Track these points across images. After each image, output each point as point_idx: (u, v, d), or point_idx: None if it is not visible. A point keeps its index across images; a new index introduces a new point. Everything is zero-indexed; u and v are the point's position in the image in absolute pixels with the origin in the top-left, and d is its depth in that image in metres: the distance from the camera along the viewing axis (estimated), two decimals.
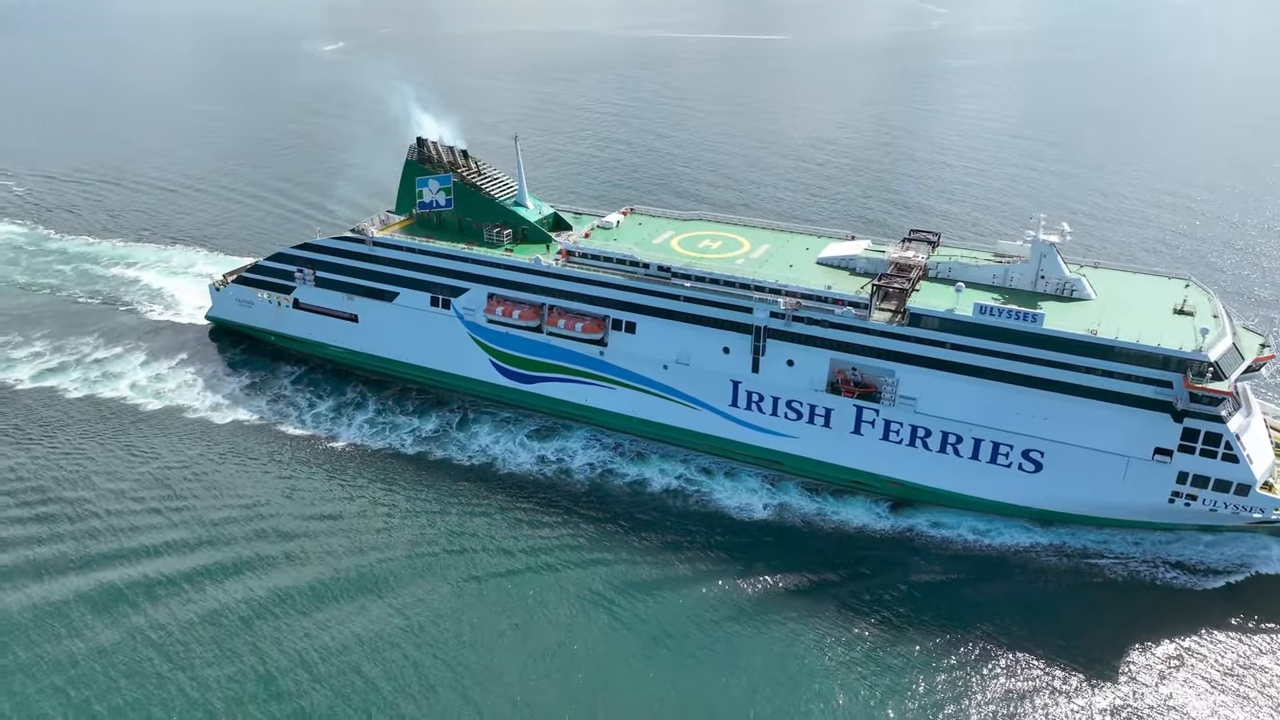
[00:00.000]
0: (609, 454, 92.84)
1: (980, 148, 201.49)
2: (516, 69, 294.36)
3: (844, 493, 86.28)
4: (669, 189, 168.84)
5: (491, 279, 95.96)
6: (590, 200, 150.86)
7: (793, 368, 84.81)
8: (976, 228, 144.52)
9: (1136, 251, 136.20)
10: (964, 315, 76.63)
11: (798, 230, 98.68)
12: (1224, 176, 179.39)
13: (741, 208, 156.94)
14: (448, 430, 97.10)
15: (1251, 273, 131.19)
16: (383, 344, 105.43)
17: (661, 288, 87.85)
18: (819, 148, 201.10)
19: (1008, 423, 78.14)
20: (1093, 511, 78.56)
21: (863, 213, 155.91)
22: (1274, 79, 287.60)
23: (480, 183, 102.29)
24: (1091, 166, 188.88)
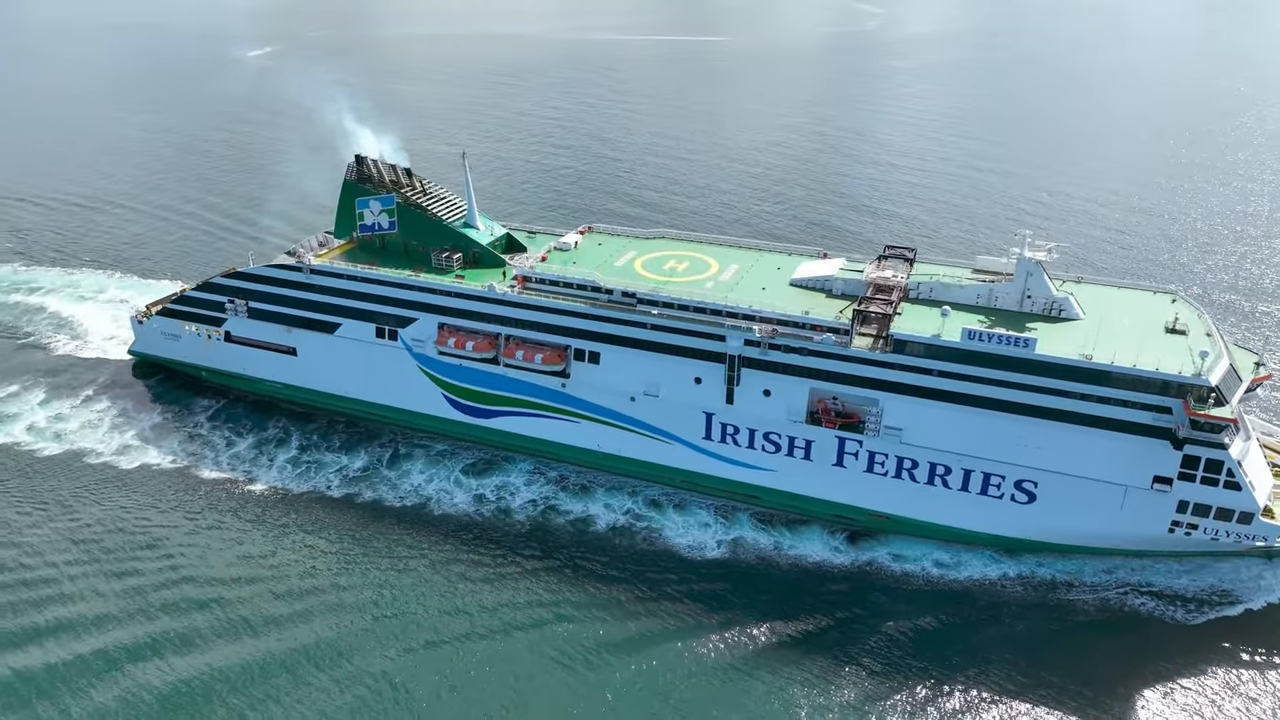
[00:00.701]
0: (552, 489, 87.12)
1: (926, 149, 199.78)
2: (455, 74, 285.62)
3: (798, 523, 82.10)
4: (621, 196, 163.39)
5: (442, 308, 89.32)
6: (544, 216, 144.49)
7: (770, 398, 79.91)
8: (935, 232, 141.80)
9: (1088, 253, 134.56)
10: (951, 341, 72.47)
11: (767, 248, 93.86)
12: (1162, 175, 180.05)
13: (695, 216, 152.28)
14: (378, 467, 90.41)
15: (1203, 270, 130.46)
16: (325, 378, 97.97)
17: (627, 315, 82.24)
18: (768, 151, 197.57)
19: (999, 452, 74.24)
20: (1088, 542, 75.17)
21: (820, 219, 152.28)
22: (1199, 77, 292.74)
23: (426, 203, 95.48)
24: (1034, 166, 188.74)
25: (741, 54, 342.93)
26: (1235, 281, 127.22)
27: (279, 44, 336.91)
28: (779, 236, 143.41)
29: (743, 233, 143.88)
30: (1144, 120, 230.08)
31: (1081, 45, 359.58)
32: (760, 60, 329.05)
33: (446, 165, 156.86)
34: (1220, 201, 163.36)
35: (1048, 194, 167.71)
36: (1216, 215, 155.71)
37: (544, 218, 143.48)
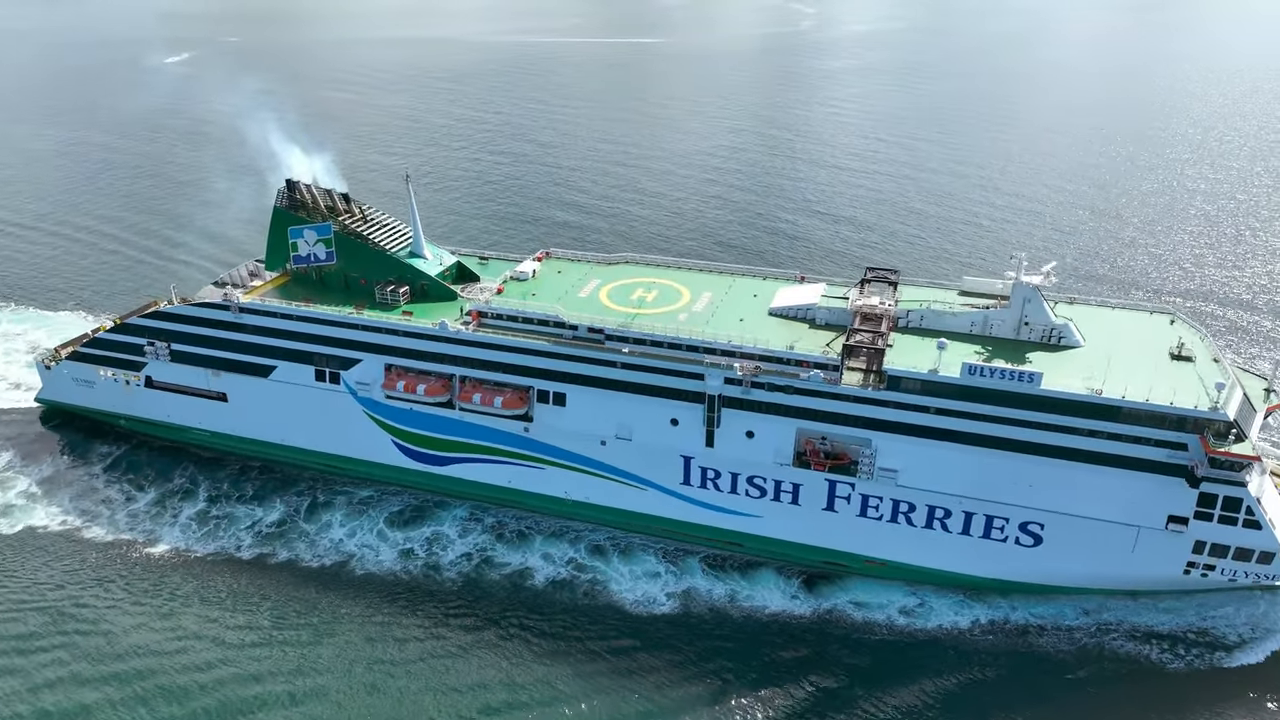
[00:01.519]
0: (487, 538, 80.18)
1: (869, 150, 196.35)
2: (389, 80, 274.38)
3: (752, 566, 76.87)
4: (570, 207, 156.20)
5: (388, 348, 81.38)
6: (493, 235, 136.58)
7: (753, 440, 73.86)
8: (890, 237, 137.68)
9: (1040, 251, 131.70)
10: (950, 377, 67.22)
11: (740, 272, 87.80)
12: (1107, 173, 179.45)
13: (647, 225, 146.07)
14: (294, 519, 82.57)
15: (1148, 266, 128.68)
16: (259, 425, 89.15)
17: (595, 354, 75.41)
18: (715, 155, 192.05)
19: (1002, 493, 69.29)
20: (1098, 585, 70.70)
21: (773, 226, 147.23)
22: (1130, 74, 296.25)
23: (367, 231, 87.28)
24: (977, 165, 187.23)
25: (680, 56, 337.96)
26: (1201, 287, 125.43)
27: (196, 49, 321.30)
28: (736, 246, 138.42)
29: (702, 244, 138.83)
30: (1082, 116, 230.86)
31: (1017, 43, 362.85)
32: (699, 62, 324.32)
33: (387, 189, 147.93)
34: (1165, 200, 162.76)
35: (997, 193, 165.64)
36: (1165, 215, 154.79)
37: (495, 239, 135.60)
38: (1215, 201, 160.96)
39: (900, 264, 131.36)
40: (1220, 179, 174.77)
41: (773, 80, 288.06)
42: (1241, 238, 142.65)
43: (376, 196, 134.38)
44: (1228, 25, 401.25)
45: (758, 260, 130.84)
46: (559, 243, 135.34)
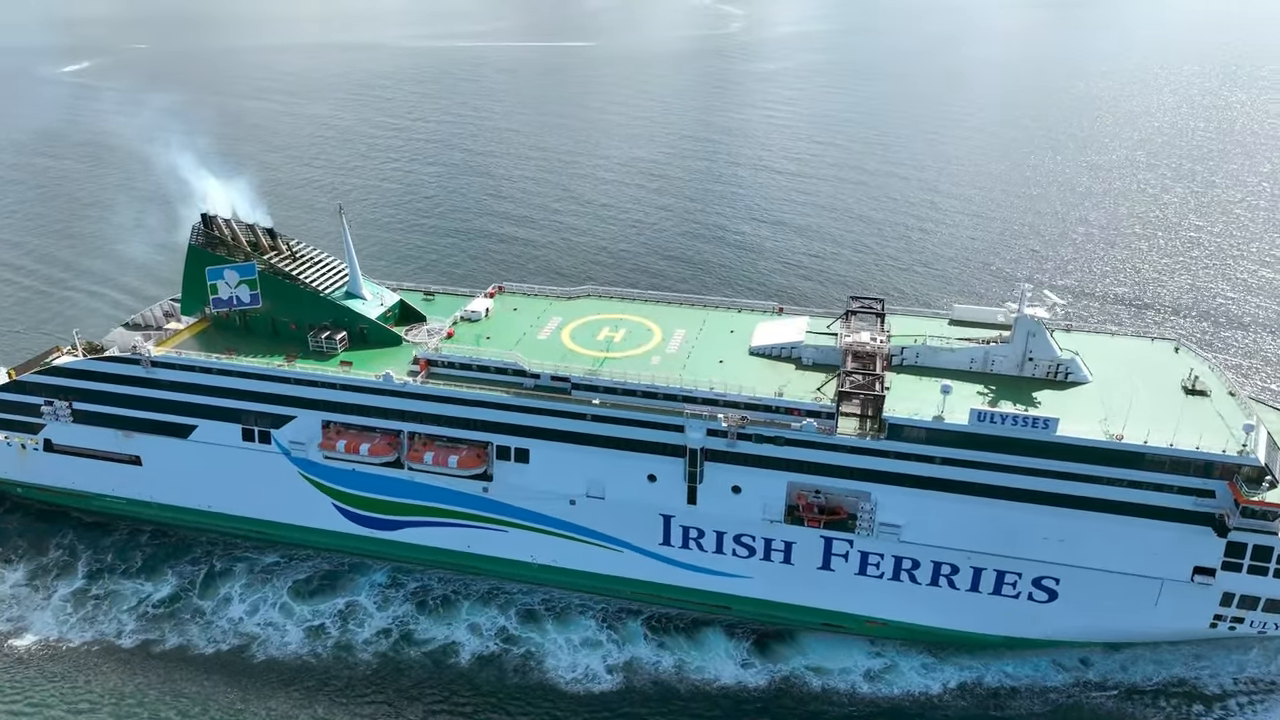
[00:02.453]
0: (408, 608, 72.36)
1: (810, 154, 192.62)
2: (310, 89, 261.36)
3: (698, 626, 70.83)
4: (508, 219, 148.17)
5: (326, 403, 72.50)
6: (437, 266, 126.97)
7: (740, 495, 67.10)
8: (837, 246, 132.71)
9: (988, 257, 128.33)
10: (957, 425, 61.34)
11: (712, 304, 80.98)
12: (1030, 174, 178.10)
13: (586, 236, 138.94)
14: (188, 594, 73.62)
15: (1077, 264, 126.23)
16: (179, 491, 79.37)
17: (561, 406, 67.75)
18: (654, 162, 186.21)
19: (1015, 547, 63.76)
20: (1117, 639, 65.66)
21: (726, 237, 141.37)
22: (1059, 70, 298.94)
23: (297, 270, 78.10)
24: (915, 166, 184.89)
25: (611, 59, 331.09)
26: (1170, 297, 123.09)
27: (98, 58, 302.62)
28: (686, 260, 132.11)
29: (652, 259, 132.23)
30: (1016, 114, 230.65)
31: (948, 42, 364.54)
32: (631, 65, 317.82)
33: (317, 220, 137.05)
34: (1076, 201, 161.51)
35: (941, 195, 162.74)
36: (1118, 219, 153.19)
37: (439, 269, 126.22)
38: (1156, 205, 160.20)
39: (855, 272, 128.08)
40: (1175, 180, 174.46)
41: (708, 84, 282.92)
42: (1200, 241, 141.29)
43: (306, 229, 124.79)
44: (1142, 21, 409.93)
45: (720, 282, 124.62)
46: (507, 267, 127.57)
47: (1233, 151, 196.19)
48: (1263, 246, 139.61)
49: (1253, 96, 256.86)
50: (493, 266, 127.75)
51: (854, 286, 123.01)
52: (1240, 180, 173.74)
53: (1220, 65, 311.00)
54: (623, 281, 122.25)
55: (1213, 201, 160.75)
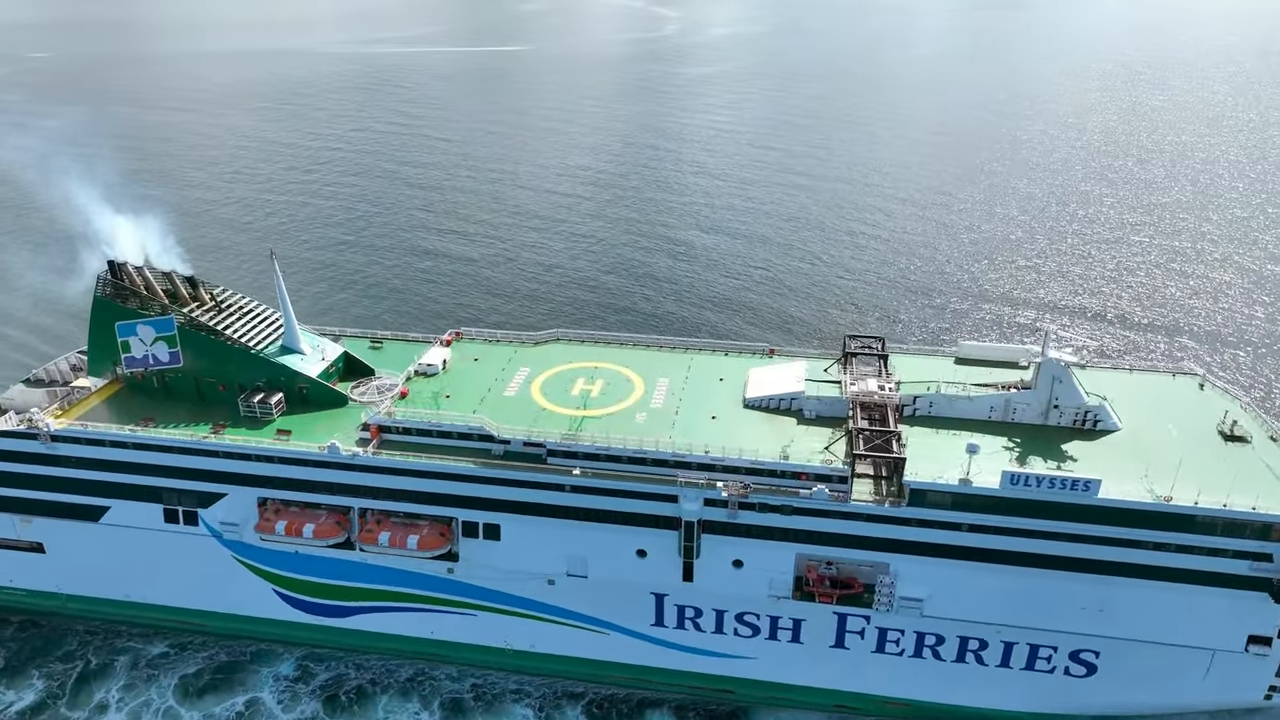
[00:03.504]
0: (316, 705, 63.83)
1: (743, 160, 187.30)
2: (230, 100, 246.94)
3: (644, 708, 64.03)
4: (455, 236, 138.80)
5: (263, 478, 63.08)
6: (381, 305, 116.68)
7: (743, 570, 59.67)
8: (783, 253, 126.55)
9: (945, 265, 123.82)
10: (988, 489, 54.73)
11: (694, 344, 73.41)
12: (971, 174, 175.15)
13: (534, 250, 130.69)
14: (54, 701, 63.90)
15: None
16: (92, 580, 69.19)
17: (536, 476, 59.47)
18: (595, 169, 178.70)
19: (1050, 619, 57.52)
20: (1161, 713, 59.85)
21: (676, 250, 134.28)
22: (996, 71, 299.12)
23: (223, 323, 68.30)
24: (847, 164, 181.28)
25: (544, 64, 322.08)
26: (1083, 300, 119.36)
27: None
28: (646, 276, 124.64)
29: (605, 276, 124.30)
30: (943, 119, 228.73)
31: (882, 43, 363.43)
32: (566, 70, 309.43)
33: (244, 263, 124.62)
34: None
35: (889, 200, 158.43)
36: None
37: (381, 306, 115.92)
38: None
39: (802, 282, 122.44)
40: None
41: (647, 89, 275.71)
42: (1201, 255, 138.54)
43: (232, 273, 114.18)
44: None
45: (678, 297, 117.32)
46: (458, 294, 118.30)
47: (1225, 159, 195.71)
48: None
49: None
50: (443, 297, 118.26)
51: (812, 296, 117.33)
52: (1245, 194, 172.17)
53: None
54: (581, 302, 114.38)
55: (1223, 218, 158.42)
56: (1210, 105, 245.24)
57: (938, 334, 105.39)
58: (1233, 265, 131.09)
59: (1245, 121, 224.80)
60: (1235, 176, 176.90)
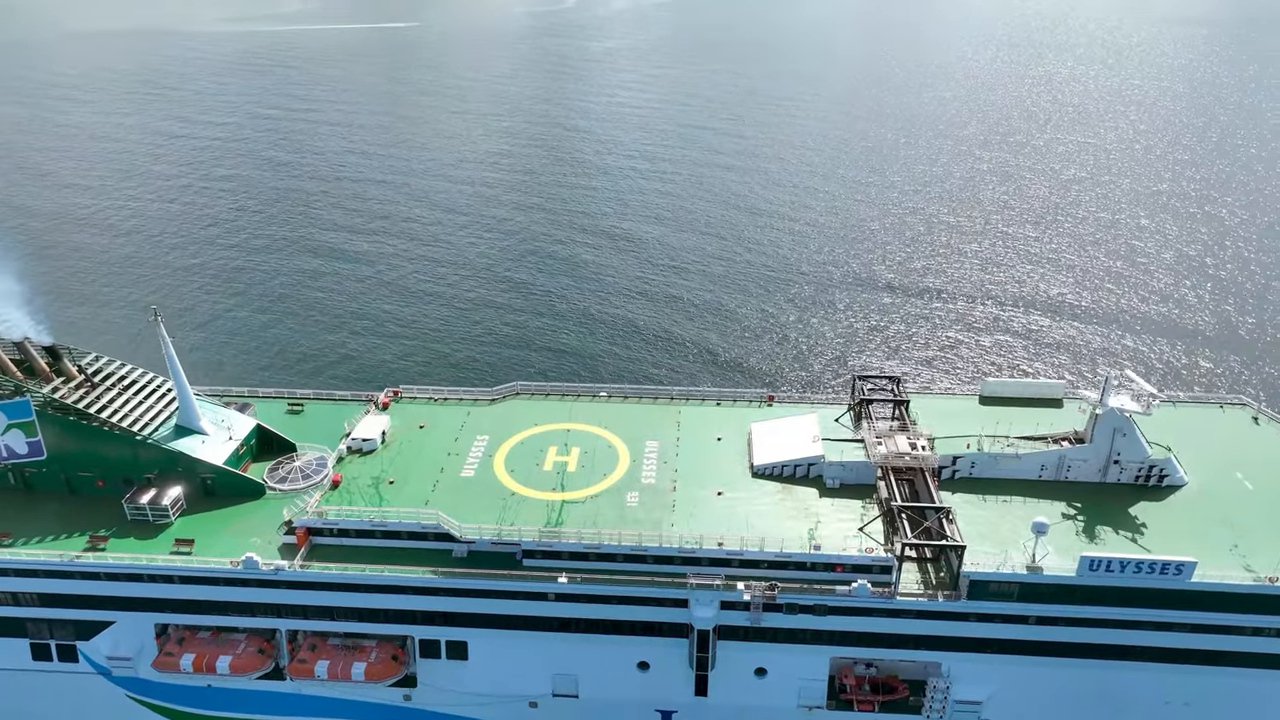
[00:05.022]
0: None
1: (652, 139, 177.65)
2: (87, 86, 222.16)
3: None
4: (352, 231, 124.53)
5: (160, 601, 50.01)
6: (292, 351, 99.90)
7: (767, 679, 49.87)
8: (703, 238, 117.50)
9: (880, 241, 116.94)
10: (1061, 577, 46.14)
11: (680, 395, 62.65)
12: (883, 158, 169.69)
13: (439, 247, 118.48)
14: None
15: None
16: None
17: (510, 585, 48.20)
18: (504, 155, 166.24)
19: (1127, 715, 49.49)
20: None
21: (598, 240, 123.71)
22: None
23: (96, 403, 54.19)
24: (763, 140, 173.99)
25: (436, 41, 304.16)
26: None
27: None
28: (575, 263, 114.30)
29: (527, 267, 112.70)
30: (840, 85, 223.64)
31: (780, 18, 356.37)
32: (459, 47, 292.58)
33: (114, 311, 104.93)
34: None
35: (815, 176, 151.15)
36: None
37: (293, 352, 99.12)
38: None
39: (722, 268, 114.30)
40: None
41: (549, 65, 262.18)
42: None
43: (102, 331, 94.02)
44: None
45: (611, 287, 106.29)
46: (378, 326, 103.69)
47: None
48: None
49: None
50: (364, 330, 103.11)
51: (739, 280, 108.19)
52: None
53: None
54: (516, 309, 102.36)
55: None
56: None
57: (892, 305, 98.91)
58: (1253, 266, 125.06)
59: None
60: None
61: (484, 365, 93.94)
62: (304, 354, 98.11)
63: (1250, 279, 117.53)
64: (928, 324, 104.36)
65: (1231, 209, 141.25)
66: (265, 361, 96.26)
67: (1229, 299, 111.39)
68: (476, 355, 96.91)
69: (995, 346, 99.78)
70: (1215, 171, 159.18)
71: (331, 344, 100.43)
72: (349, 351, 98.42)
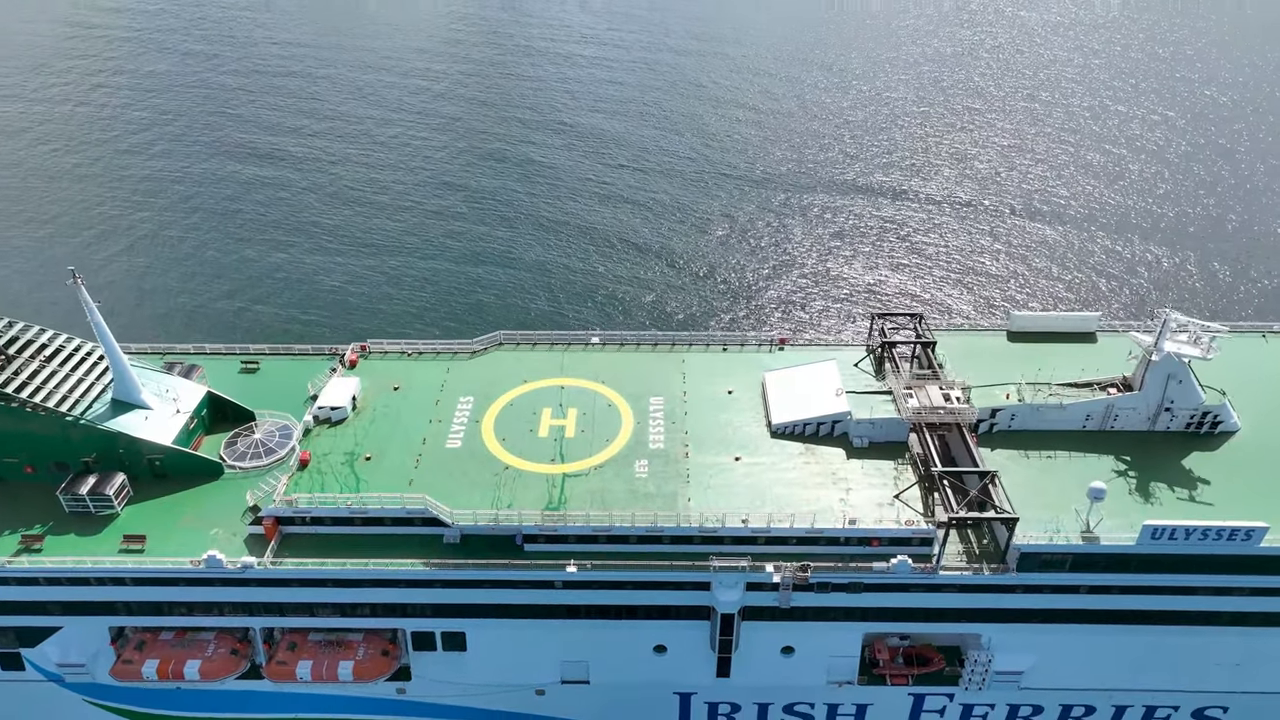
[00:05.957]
0: None
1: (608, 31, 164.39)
2: None
3: None
4: (297, 164, 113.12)
5: (113, 604, 44.33)
6: (239, 296, 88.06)
7: (794, 656, 46.01)
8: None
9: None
10: (1123, 547, 42.03)
11: (682, 341, 56.51)
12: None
13: (387, 178, 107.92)
14: None
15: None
16: None
17: (510, 575, 43.16)
18: (444, 46, 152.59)
19: (1176, 678, 46.84)
20: None
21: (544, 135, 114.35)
22: None
23: (15, 379, 46.74)
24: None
25: None
26: None
27: None
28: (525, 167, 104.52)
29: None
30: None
31: None
32: None
33: (32, 269, 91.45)
34: None
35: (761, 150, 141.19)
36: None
37: (241, 298, 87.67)
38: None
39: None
40: None
41: None
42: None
43: (17, 295, 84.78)
44: None
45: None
46: (329, 259, 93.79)
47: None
48: None
49: None
50: (318, 264, 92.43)
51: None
52: None
53: None
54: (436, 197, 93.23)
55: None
56: None
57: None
58: None
59: None
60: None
61: (446, 281, 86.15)
62: (246, 280, 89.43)
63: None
64: (938, 236, 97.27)
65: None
66: (210, 311, 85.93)
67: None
68: (439, 269, 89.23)
69: (1014, 262, 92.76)
70: None
71: (277, 265, 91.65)
72: (295, 276, 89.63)
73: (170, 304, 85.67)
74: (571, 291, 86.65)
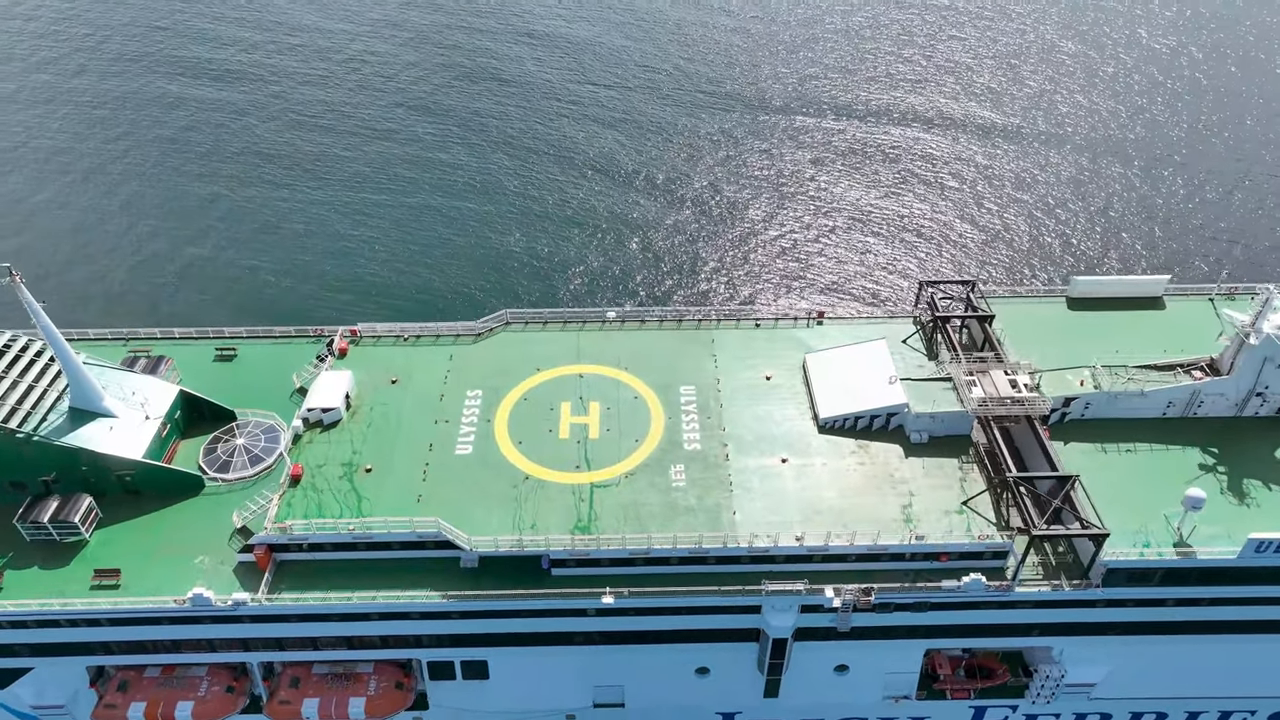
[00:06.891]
0: None
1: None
2: None
3: None
4: (260, 114, 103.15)
5: (89, 645, 39.36)
6: (208, 269, 78.00)
7: (848, 675, 42.12)
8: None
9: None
10: (1220, 560, 37.84)
11: (710, 317, 50.72)
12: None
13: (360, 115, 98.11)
14: None
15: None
16: None
17: (539, 604, 38.44)
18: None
19: (1258, 683, 43.60)
20: None
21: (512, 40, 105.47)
22: None
23: None
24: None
25: None
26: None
27: None
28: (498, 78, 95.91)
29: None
30: None
31: None
32: None
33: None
34: None
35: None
36: None
37: (207, 270, 77.56)
38: None
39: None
40: None
41: None
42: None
43: None
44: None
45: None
46: (306, 213, 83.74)
47: None
48: None
49: None
50: (295, 224, 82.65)
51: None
52: None
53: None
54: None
55: None
56: None
57: None
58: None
59: None
60: None
61: (445, 260, 77.81)
62: (211, 236, 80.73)
63: None
64: (973, 168, 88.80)
65: None
66: (175, 293, 76.22)
67: None
68: (425, 205, 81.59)
69: (1062, 207, 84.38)
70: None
71: (242, 209, 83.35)
72: (280, 253, 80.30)
73: (124, 277, 76.06)
74: (581, 249, 78.84)
